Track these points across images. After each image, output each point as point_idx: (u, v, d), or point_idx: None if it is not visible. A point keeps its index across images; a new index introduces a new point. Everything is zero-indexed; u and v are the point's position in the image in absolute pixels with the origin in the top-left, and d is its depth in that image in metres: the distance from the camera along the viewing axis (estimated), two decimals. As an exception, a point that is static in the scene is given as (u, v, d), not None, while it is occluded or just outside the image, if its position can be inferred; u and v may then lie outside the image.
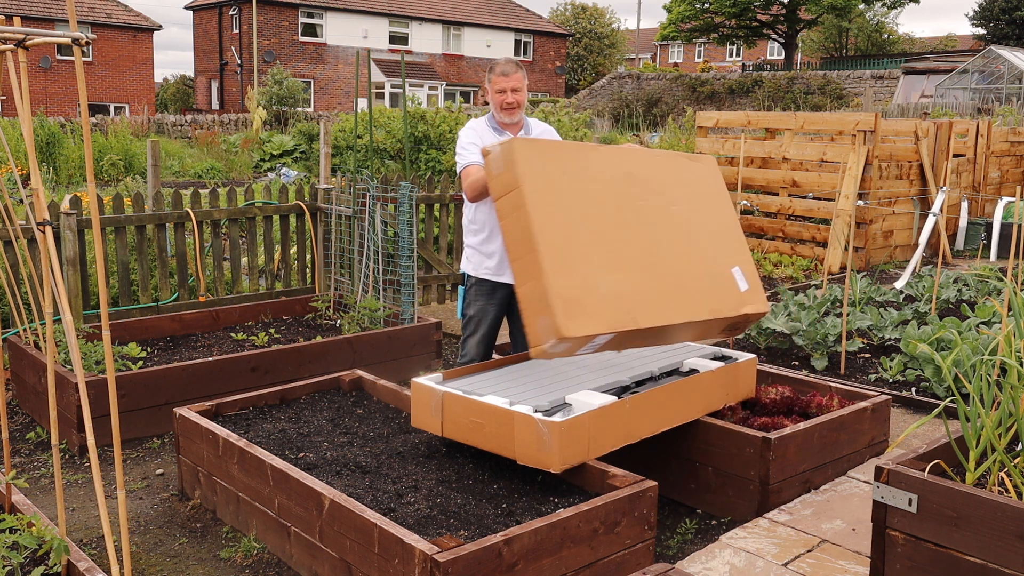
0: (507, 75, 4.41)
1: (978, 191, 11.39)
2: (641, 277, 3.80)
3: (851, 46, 51.15)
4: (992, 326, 5.94)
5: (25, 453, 4.69)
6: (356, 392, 4.64)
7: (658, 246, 3.94)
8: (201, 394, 4.80)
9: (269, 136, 20.73)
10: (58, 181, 15.15)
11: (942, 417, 3.49)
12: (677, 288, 3.88)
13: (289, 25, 39.27)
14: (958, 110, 23.67)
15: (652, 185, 4.07)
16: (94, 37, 3.03)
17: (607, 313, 3.57)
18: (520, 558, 2.93)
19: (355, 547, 3.10)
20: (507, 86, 4.40)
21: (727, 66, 53.30)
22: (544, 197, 3.67)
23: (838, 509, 3.78)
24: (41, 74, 33.99)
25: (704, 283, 3.98)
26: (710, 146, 10.83)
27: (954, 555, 2.85)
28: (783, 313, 6.30)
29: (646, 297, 3.76)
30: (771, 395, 4.35)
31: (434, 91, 40.91)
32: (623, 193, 3.94)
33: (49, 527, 3.00)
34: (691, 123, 15.57)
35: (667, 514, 3.97)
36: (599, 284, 3.64)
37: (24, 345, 5.13)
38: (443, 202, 7.75)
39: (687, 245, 4.03)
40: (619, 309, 3.62)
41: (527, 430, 3.37)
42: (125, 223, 6.21)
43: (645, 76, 41.45)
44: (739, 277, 4.08)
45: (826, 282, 7.55)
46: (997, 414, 3.06)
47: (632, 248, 3.85)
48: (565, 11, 55.55)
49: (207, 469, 3.95)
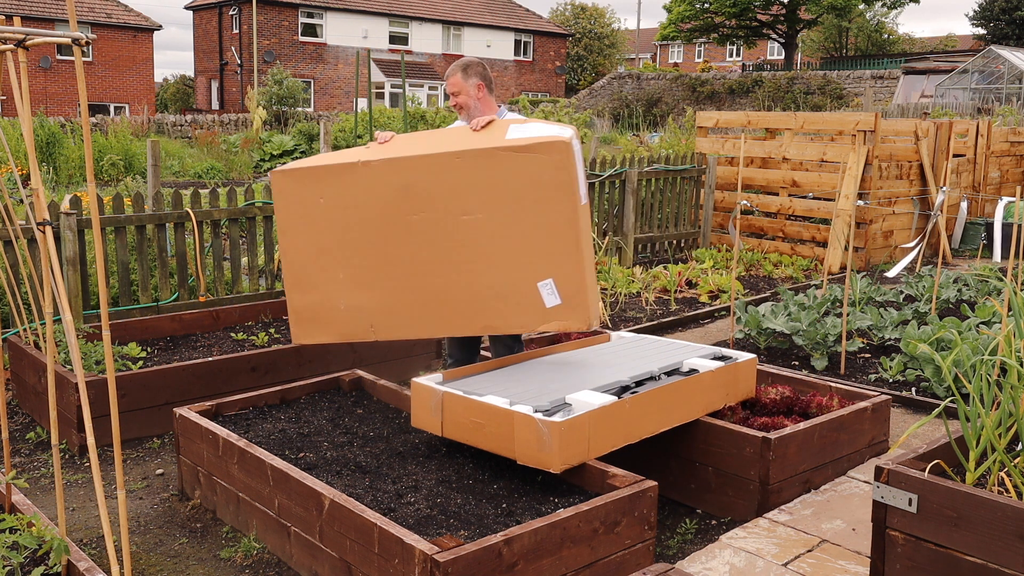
0: (446, 79, 4.48)
1: (978, 191, 11.39)
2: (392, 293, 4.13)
3: (851, 46, 51.16)
4: (992, 326, 5.94)
5: (25, 453, 4.69)
6: (356, 392, 4.64)
7: (425, 263, 4.06)
8: (201, 394, 4.80)
9: (269, 136, 20.72)
10: (58, 181, 15.15)
11: (942, 417, 3.49)
12: (439, 303, 4.07)
13: (289, 25, 39.27)
14: (958, 110, 23.68)
15: (436, 196, 4.02)
16: (94, 37, 3.03)
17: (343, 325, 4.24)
18: (520, 558, 2.93)
19: (355, 547, 3.10)
20: (448, 91, 4.49)
21: (727, 66, 53.31)
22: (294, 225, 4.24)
23: (838, 509, 3.78)
24: (41, 74, 33.99)
25: (482, 298, 3.99)
26: (710, 146, 10.84)
27: (954, 555, 2.85)
28: (783, 313, 6.30)
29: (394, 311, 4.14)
30: (771, 395, 4.35)
31: (434, 91, 40.92)
32: (394, 210, 4.10)
33: (49, 527, 3.00)
34: (691, 123, 15.57)
35: (667, 514, 3.98)
36: (340, 300, 4.21)
37: (24, 345, 5.13)
38: (443, 202, 7.75)
39: (470, 258, 3.99)
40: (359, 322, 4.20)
41: (527, 430, 3.37)
42: (125, 223, 6.21)
43: (645, 76, 41.46)
44: (547, 292, 3.92)
45: (826, 282, 7.55)
46: (997, 414, 3.06)
47: (391, 265, 4.11)
48: (565, 11, 55.55)
49: (207, 469, 3.95)
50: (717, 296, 7.99)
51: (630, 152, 13.54)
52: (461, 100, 4.44)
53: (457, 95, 4.45)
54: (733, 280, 6.31)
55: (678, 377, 3.99)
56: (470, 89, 4.44)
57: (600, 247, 8.72)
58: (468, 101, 4.44)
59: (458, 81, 4.44)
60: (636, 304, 7.67)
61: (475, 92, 4.45)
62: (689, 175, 10.18)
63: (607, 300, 7.50)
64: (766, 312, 6.27)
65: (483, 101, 4.47)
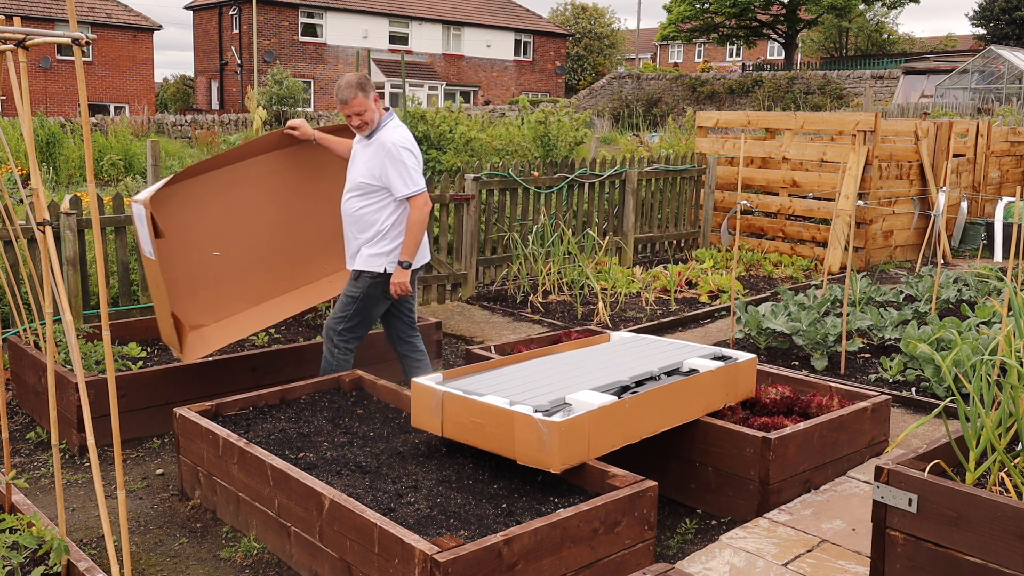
0: (346, 103, 4.50)
1: (978, 191, 11.39)
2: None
3: (851, 46, 51.15)
4: (992, 326, 5.94)
5: (25, 453, 4.69)
6: (356, 392, 4.64)
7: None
8: (201, 394, 4.80)
9: (269, 136, 20.68)
10: (58, 181, 15.14)
11: (942, 417, 3.49)
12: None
13: (289, 25, 39.27)
14: (958, 110, 23.67)
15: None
16: (94, 37, 3.03)
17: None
18: (520, 558, 2.93)
19: (355, 547, 3.10)
20: (349, 112, 4.53)
21: (727, 66, 53.30)
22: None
23: (838, 509, 3.78)
24: (41, 74, 33.99)
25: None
26: (710, 146, 10.84)
27: (954, 555, 2.85)
28: (783, 313, 6.30)
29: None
30: (771, 395, 4.35)
31: (434, 91, 40.92)
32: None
33: (49, 527, 3.00)
34: (691, 123, 15.56)
35: (667, 514, 3.98)
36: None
37: (24, 345, 5.13)
38: (443, 202, 7.75)
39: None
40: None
41: (527, 430, 3.37)
42: (125, 223, 6.20)
43: (645, 76, 41.45)
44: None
45: (826, 282, 7.55)
46: (997, 414, 3.06)
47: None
48: (565, 11, 55.55)
49: (207, 469, 3.95)
50: (717, 296, 7.99)
51: (630, 152, 13.53)
52: (367, 117, 4.53)
53: (363, 114, 4.52)
54: (733, 280, 6.31)
55: (678, 377, 3.99)
56: (370, 103, 4.53)
57: (600, 247, 8.73)
58: (372, 116, 4.55)
59: (363, 100, 4.50)
60: (636, 304, 7.67)
61: (375, 105, 4.56)
62: (689, 175, 10.18)
63: (607, 300, 7.50)
64: (766, 312, 6.27)
65: (378, 110, 4.60)
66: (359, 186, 4.62)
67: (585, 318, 7.17)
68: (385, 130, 4.59)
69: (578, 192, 8.99)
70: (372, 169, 4.57)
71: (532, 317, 7.22)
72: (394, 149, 4.52)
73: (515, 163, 8.41)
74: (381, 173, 4.54)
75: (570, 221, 8.86)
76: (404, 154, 4.53)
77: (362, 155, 4.65)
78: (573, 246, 8.17)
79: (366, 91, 4.51)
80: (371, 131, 4.60)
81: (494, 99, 43.88)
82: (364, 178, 4.59)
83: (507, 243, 8.36)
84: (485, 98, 44.08)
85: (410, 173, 4.54)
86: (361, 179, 4.61)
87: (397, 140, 4.55)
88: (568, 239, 8.22)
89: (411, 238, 4.61)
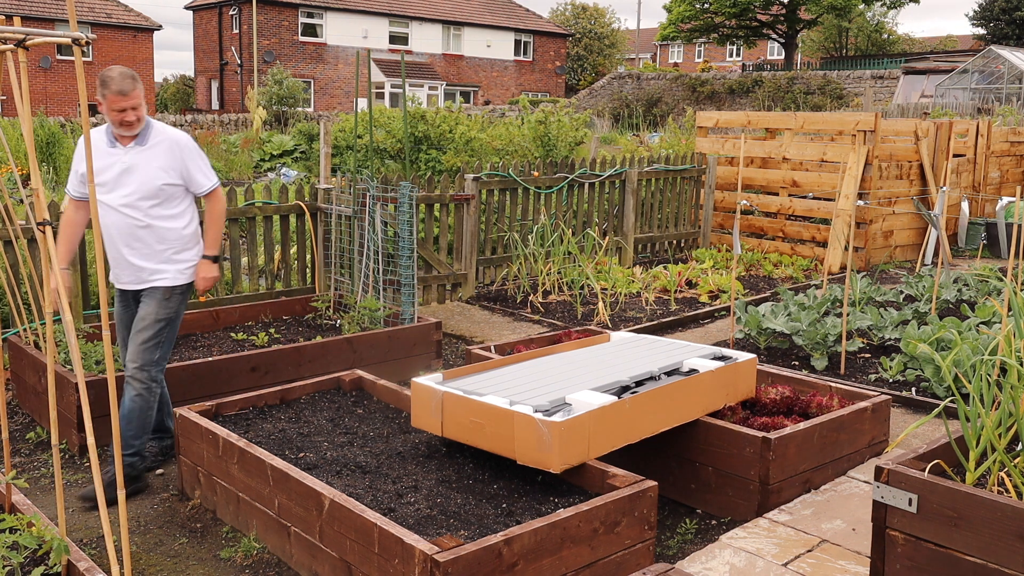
0: (125, 94, 4.03)
1: (978, 191, 11.39)
2: None
3: (851, 46, 51.15)
4: (992, 326, 5.94)
5: (25, 453, 4.69)
6: (356, 392, 4.64)
7: None
8: (201, 394, 4.80)
9: (269, 136, 20.72)
10: (58, 181, 15.13)
11: (942, 417, 3.49)
12: None
13: (289, 25, 39.26)
14: (958, 110, 23.66)
15: None
16: (94, 37, 3.03)
17: None
18: (520, 558, 2.93)
19: (355, 547, 3.10)
20: (126, 105, 4.04)
21: (727, 66, 53.30)
22: None
23: (838, 509, 3.78)
24: (41, 74, 33.99)
25: None
26: (710, 146, 10.84)
27: (954, 555, 2.85)
28: (783, 313, 6.30)
29: None
30: (771, 395, 4.35)
31: (434, 91, 40.91)
32: None
33: (49, 527, 3.00)
34: (691, 123, 15.56)
35: (667, 514, 3.98)
36: None
37: (24, 345, 5.13)
38: (443, 202, 7.76)
39: None
40: None
41: (527, 430, 3.37)
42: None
43: (645, 76, 41.45)
44: None
45: (826, 282, 7.55)
46: (997, 414, 3.06)
47: None
48: (565, 11, 55.55)
49: (207, 469, 3.95)
50: (717, 296, 7.99)
51: (630, 152, 13.54)
52: (141, 112, 4.11)
53: (138, 108, 4.08)
54: (733, 280, 6.31)
55: (678, 377, 3.99)
56: (143, 98, 4.14)
57: (600, 247, 8.73)
58: (144, 112, 4.15)
59: (140, 94, 4.08)
60: (636, 304, 7.67)
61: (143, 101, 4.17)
62: (689, 175, 10.17)
63: (607, 300, 7.50)
64: (766, 312, 6.27)
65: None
66: (159, 191, 4.18)
67: (585, 318, 7.17)
68: (160, 126, 4.26)
69: (578, 192, 8.99)
70: (169, 169, 4.20)
71: (532, 317, 7.22)
72: (189, 143, 4.24)
73: (515, 163, 8.41)
74: (182, 169, 4.23)
75: (570, 221, 8.86)
76: (197, 147, 4.32)
77: (143, 158, 4.17)
78: (573, 246, 8.17)
79: (137, 83, 4.10)
80: (140, 130, 4.17)
81: (494, 99, 43.88)
82: (164, 180, 4.18)
83: (507, 243, 8.36)
84: (485, 98, 44.08)
85: (207, 166, 4.35)
86: (161, 182, 4.17)
87: (182, 134, 4.29)
88: (568, 239, 8.22)
89: (219, 230, 4.42)
